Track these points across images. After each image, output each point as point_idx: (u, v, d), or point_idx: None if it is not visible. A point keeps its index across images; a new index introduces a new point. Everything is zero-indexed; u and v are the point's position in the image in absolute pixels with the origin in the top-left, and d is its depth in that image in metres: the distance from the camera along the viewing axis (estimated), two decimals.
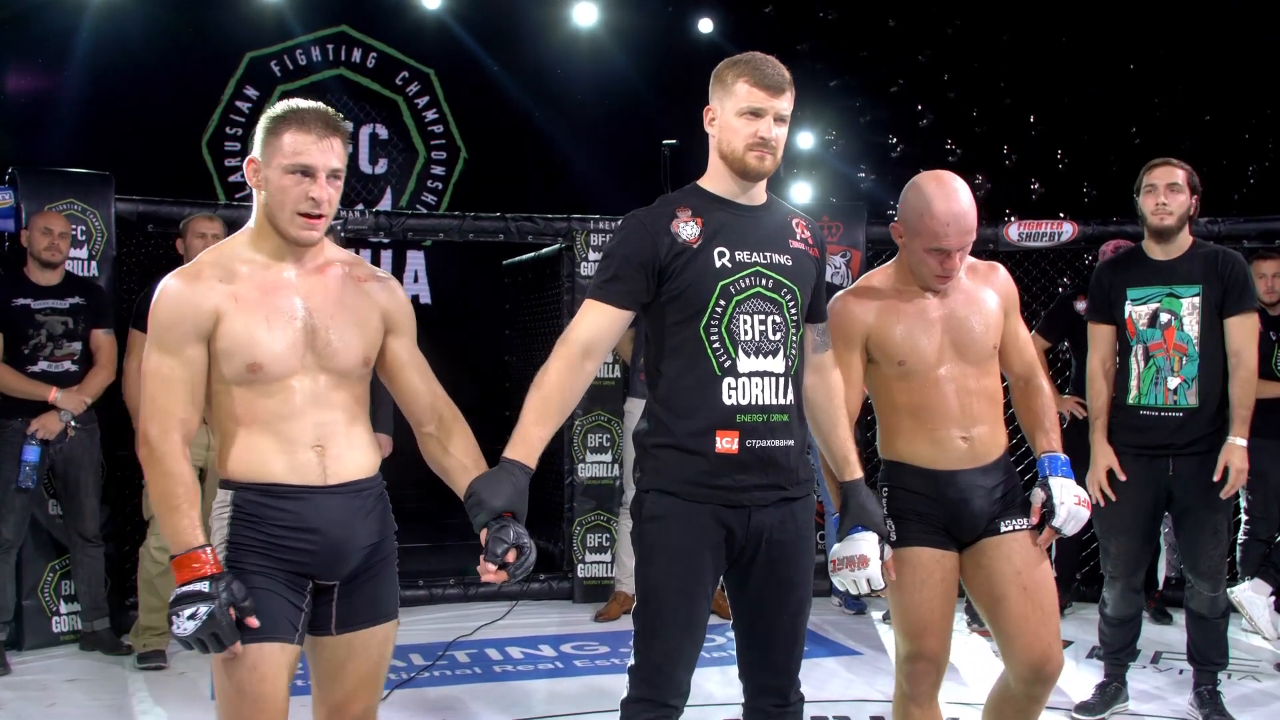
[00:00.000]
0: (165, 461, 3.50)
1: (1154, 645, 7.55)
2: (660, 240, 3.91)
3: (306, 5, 13.34)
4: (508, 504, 3.71)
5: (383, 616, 3.82)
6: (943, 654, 4.49)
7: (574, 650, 7.64)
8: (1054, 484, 4.45)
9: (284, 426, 3.61)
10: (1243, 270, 5.98)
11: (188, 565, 3.42)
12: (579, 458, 8.98)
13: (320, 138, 3.56)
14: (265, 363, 3.56)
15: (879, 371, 4.48)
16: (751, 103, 3.92)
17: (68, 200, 7.75)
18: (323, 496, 3.63)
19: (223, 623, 3.37)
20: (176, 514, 3.47)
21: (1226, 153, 14.33)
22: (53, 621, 7.64)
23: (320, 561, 3.64)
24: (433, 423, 3.92)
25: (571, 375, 3.91)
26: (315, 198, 3.56)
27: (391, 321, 3.84)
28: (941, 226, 4.28)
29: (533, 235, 9.15)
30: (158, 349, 3.54)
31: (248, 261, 3.64)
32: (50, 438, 7.09)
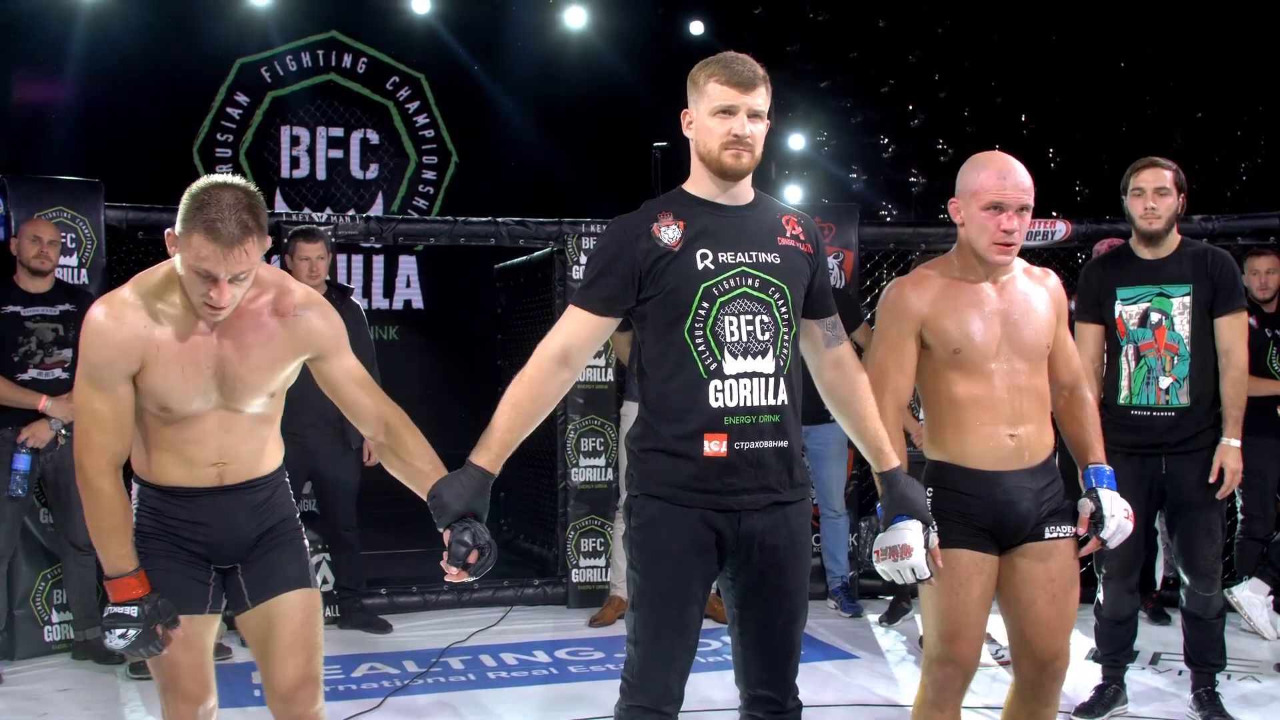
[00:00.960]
0: (100, 493, 3.77)
1: (1153, 646, 7.52)
2: (640, 245, 3.90)
3: (296, 11, 13.34)
4: (467, 506, 3.79)
5: (290, 584, 4.07)
6: (973, 660, 4.45)
7: (568, 656, 7.60)
8: (1104, 496, 4.44)
9: (189, 450, 3.92)
10: (1232, 269, 5.97)
11: (120, 588, 3.76)
12: (573, 462, 8.94)
13: (226, 249, 3.59)
14: (174, 407, 3.83)
15: (932, 360, 4.45)
16: (723, 101, 3.90)
17: (57, 208, 7.72)
18: (213, 496, 3.97)
19: (150, 639, 3.74)
20: (110, 540, 3.78)
21: (1219, 150, 14.35)
22: (45, 631, 7.59)
23: (212, 548, 3.99)
24: (382, 432, 4.03)
25: (546, 382, 3.92)
26: (213, 300, 3.67)
27: (316, 348, 3.99)
28: (997, 179, 4.30)
29: (524, 239, 9.12)
30: (89, 384, 3.76)
31: (168, 305, 3.78)
32: (41, 446, 7.07)
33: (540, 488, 9.64)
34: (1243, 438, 7.59)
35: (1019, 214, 4.32)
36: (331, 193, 13.82)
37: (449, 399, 5.62)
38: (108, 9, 12.22)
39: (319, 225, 8.31)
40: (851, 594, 8.71)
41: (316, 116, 13.93)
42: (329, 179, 13.88)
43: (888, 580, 4.26)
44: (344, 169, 14.01)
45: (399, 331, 13.53)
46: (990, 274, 4.44)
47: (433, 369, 13.00)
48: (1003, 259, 4.36)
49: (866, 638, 8.02)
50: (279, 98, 13.77)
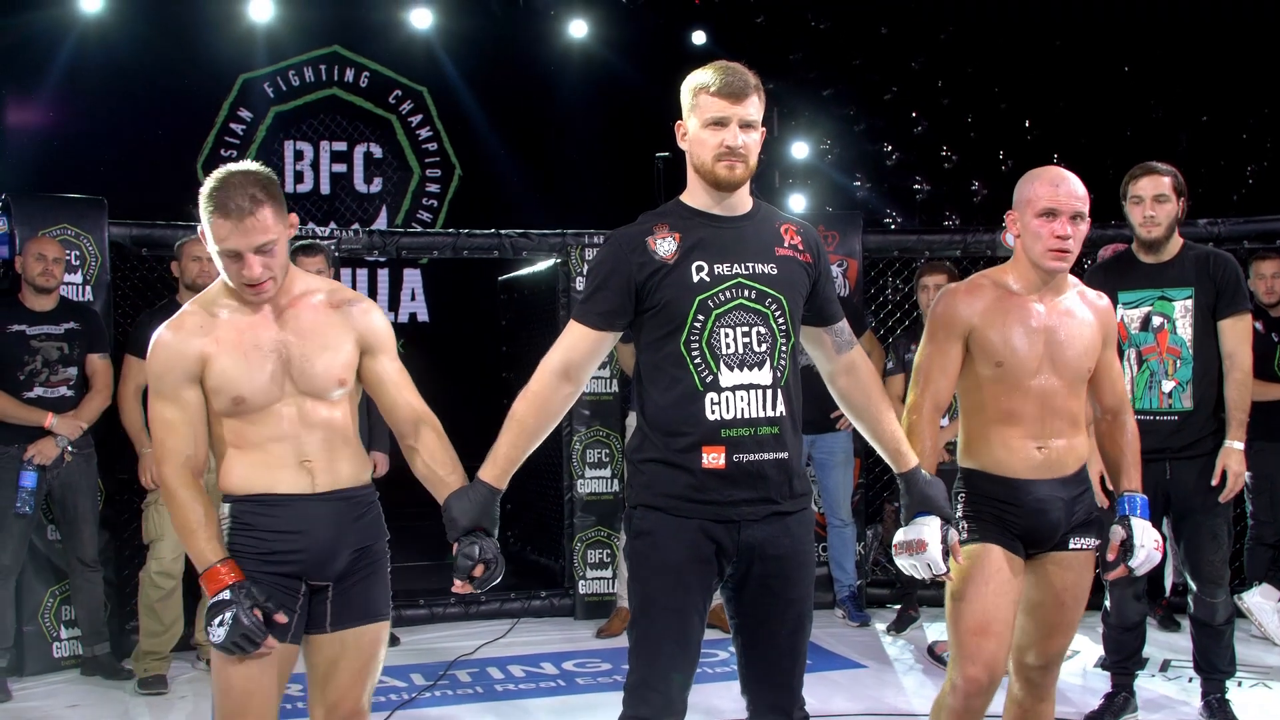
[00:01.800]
0: (179, 495, 3.85)
1: (1163, 653, 7.53)
2: (636, 258, 3.90)
3: (298, 26, 13.34)
4: (473, 522, 3.87)
5: (373, 616, 4.06)
6: (1000, 663, 4.42)
7: (575, 667, 7.60)
8: (1136, 525, 4.45)
9: (273, 447, 3.92)
10: (1234, 271, 5.96)
11: (211, 579, 3.76)
12: (579, 473, 8.94)
13: (238, 221, 3.75)
14: (248, 395, 3.86)
15: (973, 370, 4.49)
16: (714, 112, 3.90)
17: (61, 225, 7.72)
18: (311, 502, 3.92)
19: (247, 623, 3.70)
20: (195, 538, 3.82)
21: (1224, 153, 14.32)
22: (53, 647, 7.59)
23: (309, 560, 3.92)
24: (414, 436, 4.08)
25: (549, 397, 3.95)
26: (247, 276, 3.82)
27: (367, 342, 4.06)
28: (1050, 187, 4.39)
29: (527, 251, 9.13)
30: (157, 396, 3.90)
31: (225, 306, 3.95)
32: (47, 463, 7.07)
33: (546, 499, 9.64)
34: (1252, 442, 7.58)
35: (1073, 221, 4.37)
36: (335, 207, 13.81)
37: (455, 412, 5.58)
38: (110, 27, 12.23)
39: (321, 239, 8.31)
40: (859, 603, 8.70)
41: (319, 131, 13.93)
42: (333, 193, 13.87)
43: (906, 575, 4.26)
44: (348, 183, 14.00)
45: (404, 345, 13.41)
46: (1044, 290, 4.48)
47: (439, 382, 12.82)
48: (1058, 265, 4.39)
49: (874, 646, 8.01)
50: (282, 113, 13.77)
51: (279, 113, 13.82)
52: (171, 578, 7.19)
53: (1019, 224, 4.46)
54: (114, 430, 7.44)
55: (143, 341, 7.25)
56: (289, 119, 13.89)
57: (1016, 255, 4.52)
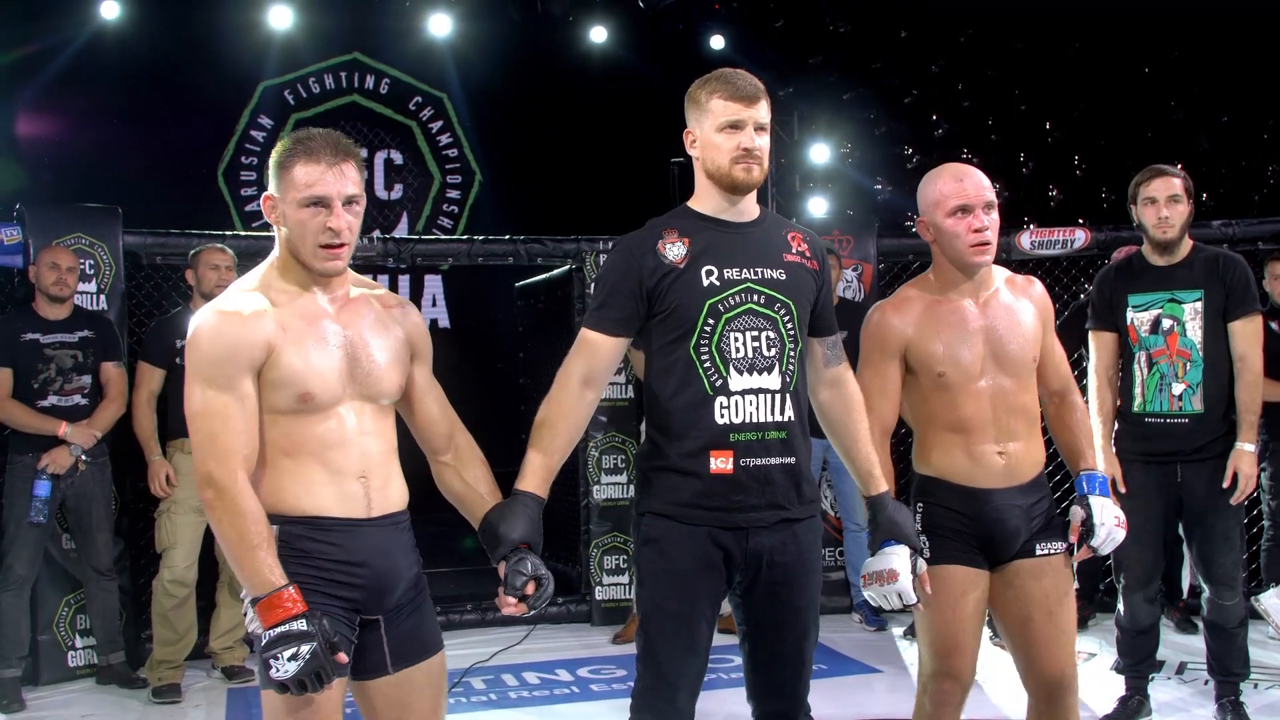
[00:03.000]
0: (237, 501, 3.41)
1: (1179, 655, 7.49)
2: (646, 263, 3.92)
3: (318, 34, 13.38)
4: (524, 536, 3.75)
5: (435, 647, 3.80)
6: (969, 675, 4.44)
7: (591, 674, 7.61)
8: (1094, 503, 4.43)
9: (332, 455, 3.57)
10: (1244, 273, 5.94)
11: (277, 606, 3.35)
12: (594, 479, 8.94)
13: (330, 165, 3.51)
14: (316, 392, 3.53)
15: (917, 383, 4.45)
16: (729, 116, 3.93)
17: (75, 235, 7.75)
18: (368, 529, 3.60)
19: (324, 660, 3.32)
20: (254, 554, 3.39)
21: (1245, 154, 14.29)
22: (68, 656, 7.62)
23: (368, 595, 3.60)
24: (449, 451, 3.92)
25: (573, 406, 3.95)
26: (333, 228, 3.52)
27: (414, 348, 3.84)
28: (956, 182, 4.35)
29: (542, 257, 9.14)
30: (209, 386, 3.46)
31: (283, 291, 3.61)
32: (61, 472, 7.08)
33: (563, 505, 9.64)
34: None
35: (986, 212, 4.33)
36: None
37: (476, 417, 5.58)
38: (129, 35, 12.27)
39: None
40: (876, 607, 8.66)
41: None
42: None
43: (876, 605, 4.25)
44: (369, 190, 13.97)
45: None
46: (973, 289, 4.44)
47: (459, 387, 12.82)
48: (982, 259, 4.36)
49: (890, 651, 7.99)
50: (302, 120, 13.80)
51: (299, 120, 13.85)
52: (185, 586, 7.21)
53: (930, 229, 4.41)
54: (128, 439, 7.45)
55: (155, 347, 7.32)
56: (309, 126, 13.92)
57: (936, 261, 4.48)
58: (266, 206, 3.63)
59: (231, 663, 7.51)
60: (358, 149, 3.65)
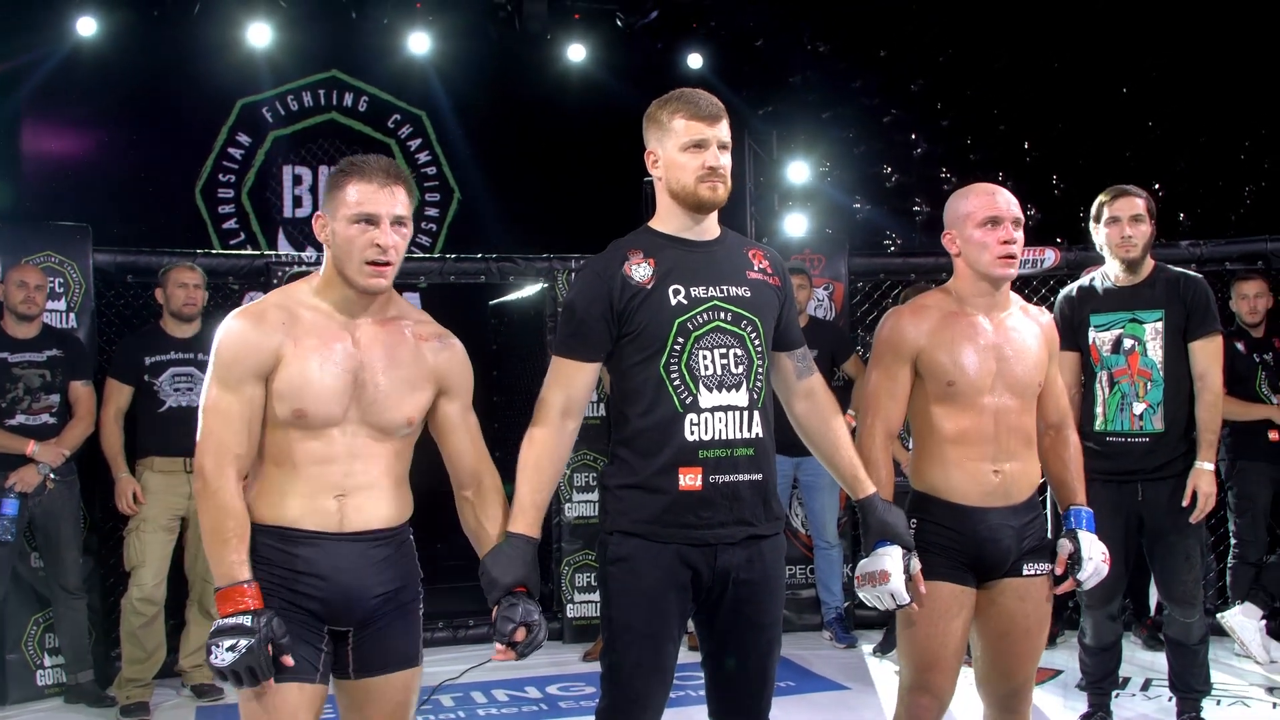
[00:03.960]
0: (220, 495, 3.59)
1: (1145, 672, 7.56)
2: (614, 285, 3.95)
3: (297, 51, 13.35)
4: (518, 579, 3.82)
5: (398, 664, 3.82)
6: (949, 690, 4.47)
7: (560, 691, 7.62)
8: (1083, 538, 4.49)
9: (314, 471, 3.68)
10: (1205, 293, 5.98)
11: (232, 598, 3.51)
12: (566, 497, 8.96)
13: (382, 186, 3.65)
14: (311, 410, 3.65)
15: (924, 392, 4.49)
16: (693, 135, 3.96)
17: (45, 253, 7.78)
18: (335, 543, 3.69)
19: (260, 657, 3.44)
20: (225, 547, 3.56)
21: (1222, 174, 14.30)
22: (37, 675, 7.63)
23: (329, 608, 3.69)
24: (472, 488, 3.98)
25: (555, 438, 3.98)
26: (381, 244, 3.64)
27: (446, 383, 3.91)
28: (988, 196, 4.44)
29: (514, 276, 9.20)
30: (219, 385, 3.65)
31: (311, 308, 3.74)
32: (29, 491, 7.09)
33: None
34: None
35: (1014, 226, 4.40)
36: None
37: None
38: (108, 52, 12.24)
39: (311, 266, 8.34)
40: (846, 624, 8.69)
41: (318, 155, 13.93)
42: None
43: (870, 606, 4.28)
44: None
45: None
46: (988, 306, 4.50)
47: None
48: (1007, 271, 4.41)
49: (859, 668, 8.02)
50: (280, 137, 13.78)
51: (278, 137, 13.83)
52: (153, 604, 7.21)
53: (958, 241, 4.47)
54: (96, 457, 7.47)
55: (124, 364, 7.33)
56: (288, 143, 13.90)
57: (958, 273, 4.53)
58: (317, 225, 3.76)
59: (201, 681, 7.52)
60: (410, 176, 3.77)
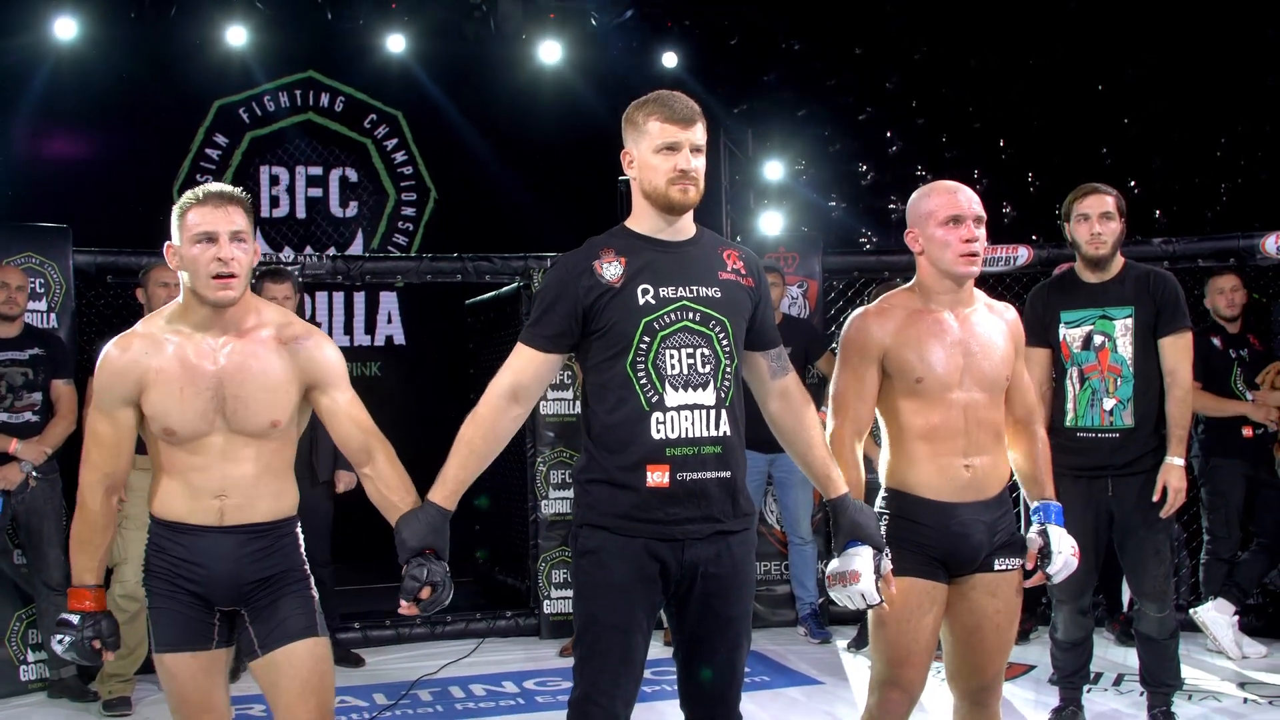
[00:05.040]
0: (87, 509, 4.13)
1: (1116, 668, 7.61)
2: (583, 283, 4.00)
3: (273, 52, 13.38)
4: (424, 542, 3.95)
5: (295, 635, 4.16)
6: (919, 685, 4.51)
7: (536, 686, 7.66)
8: (1053, 532, 4.52)
9: (193, 477, 4.09)
10: (1174, 290, 6.04)
11: (75, 597, 4.09)
12: (543, 494, 9.00)
13: (217, 207, 4.01)
14: (177, 429, 4.04)
15: (892, 390, 4.52)
16: (665, 138, 4.01)
17: (25, 254, 7.81)
18: (215, 535, 4.11)
19: (82, 651, 4.03)
20: (83, 553, 4.13)
21: (1198, 171, 14.38)
22: (20, 670, 7.66)
23: (209, 590, 4.12)
24: (366, 463, 4.22)
25: (498, 419, 4.05)
26: (221, 258, 3.98)
27: (314, 378, 4.20)
28: (950, 195, 4.47)
29: (490, 275, 9.23)
30: (95, 409, 4.12)
31: (175, 333, 4.10)
32: (11, 488, 7.14)
33: (512, 520, 9.70)
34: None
35: (976, 224, 4.43)
36: (312, 231, 13.82)
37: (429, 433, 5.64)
38: (84, 54, 12.27)
39: (286, 265, 8.40)
40: (820, 620, 8.75)
41: (295, 156, 13.95)
42: (309, 217, 13.87)
43: (842, 606, 4.31)
44: (324, 207, 14.01)
45: (381, 368, 13.56)
46: (953, 303, 4.53)
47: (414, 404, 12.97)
48: (969, 270, 4.45)
49: (833, 663, 8.07)
50: (258, 138, 13.80)
51: (254, 138, 13.85)
52: (136, 600, 7.23)
53: (920, 240, 4.50)
54: (78, 455, 7.45)
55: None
56: (264, 144, 13.92)
57: (921, 271, 4.56)
58: (169, 255, 4.10)
59: None
60: (245, 197, 4.13)
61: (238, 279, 4.01)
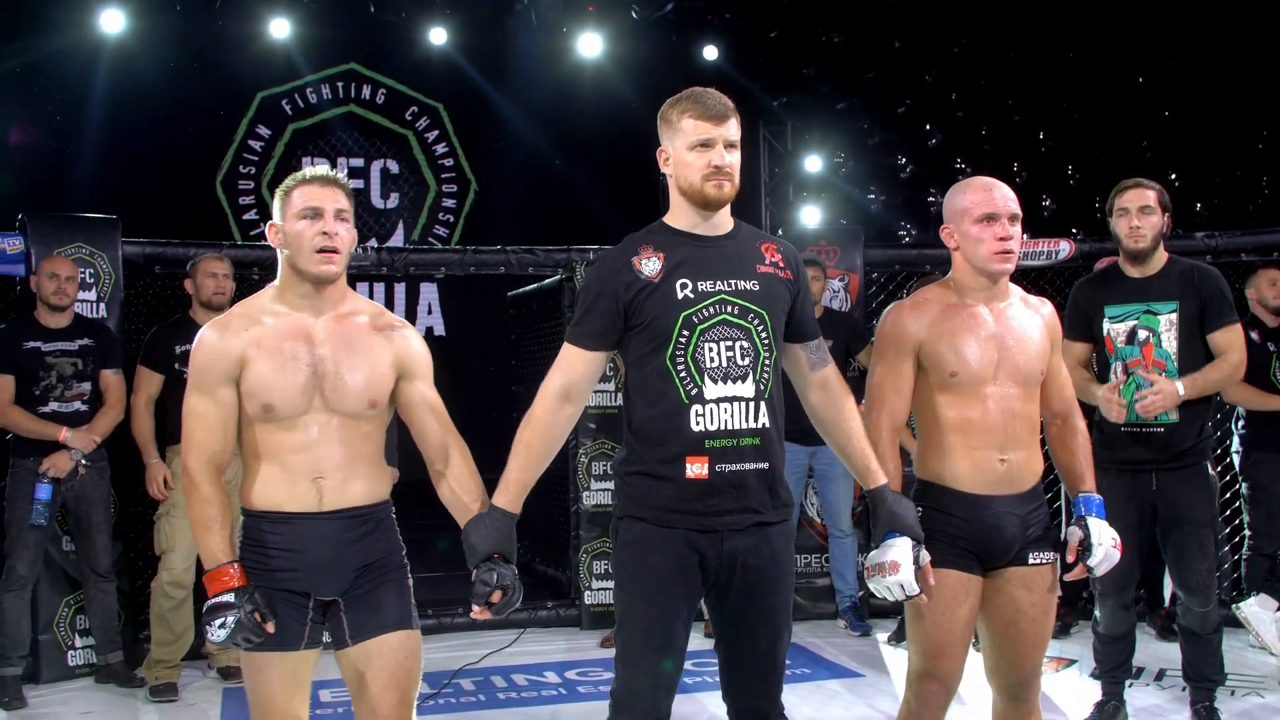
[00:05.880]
0: (201, 489, 4.01)
1: (1159, 662, 7.56)
2: (622, 279, 4.04)
3: (316, 44, 13.46)
4: (493, 547, 4.01)
5: (389, 626, 4.12)
6: (956, 677, 4.52)
7: (578, 676, 7.70)
8: (1093, 524, 4.51)
9: (290, 459, 4.04)
10: (1219, 284, 6.02)
11: (217, 579, 3.92)
12: (584, 485, 9.04)
13: (322, 186, 4.09)
14: (278, 404, 4.00)
15: (927, 383, 4.53)
16: (699, 135, 4.05)
17: (76, 244, 7.87)
18: (315, 521, 4.03)
19: (249, 628, 3.85)
20: (208, 534, 3.97)
21: (1239, 164, 14.32)
22: (68, 655, 7.74)
23: (309, 578, 4.05)
24: (442, 461, 4.24)
25: (553, 420, 4.10)
26: (326, 232, 4.02)
27: (405, 368, 4.20)
28: (985, 192, 4.47)
29: (533, 267, 9.25)
30: (195, 390, 4.05)
31: (271, 313, 4.11)
32: (61, 476, 7.21)
33: (553, 511, 9.73)
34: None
35: (1011, 222, 4.43)
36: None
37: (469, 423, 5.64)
38: (130, 46, 12.37)
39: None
40: (860, 613, 8.76)
41: (337, 147, 14.05)
42: None
43: (880, 597, 4.34)
44: (365, 199, 14.08)
45: None
46: (988, 298, 4.54)
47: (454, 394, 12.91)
48: (1004, 267, 4.46)
49: (874, 656, 8.08)
50: (300, 129, 13.91)
51: (297, 129, 13.96)
52: (182, 588, 7.32)
53: (955, 236, 4.52)
54: (127, 443, 7.57)
55: (155, 353, 7.46)
56: (307, 135, 14.02)
57: (956, 267, 4.57)
58: (271, 234, 4.13)
59: (227, 663, 7.61)
60: (348, 184, 4.20)
61: (340, 254, 4.05)
